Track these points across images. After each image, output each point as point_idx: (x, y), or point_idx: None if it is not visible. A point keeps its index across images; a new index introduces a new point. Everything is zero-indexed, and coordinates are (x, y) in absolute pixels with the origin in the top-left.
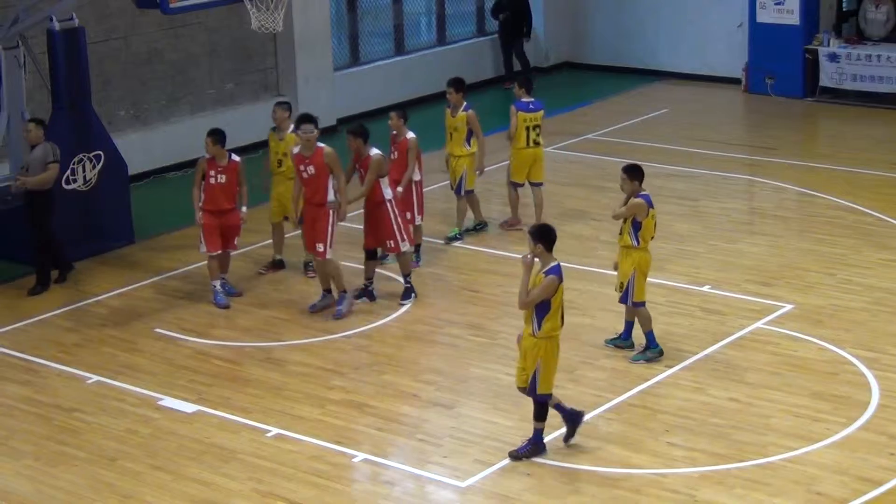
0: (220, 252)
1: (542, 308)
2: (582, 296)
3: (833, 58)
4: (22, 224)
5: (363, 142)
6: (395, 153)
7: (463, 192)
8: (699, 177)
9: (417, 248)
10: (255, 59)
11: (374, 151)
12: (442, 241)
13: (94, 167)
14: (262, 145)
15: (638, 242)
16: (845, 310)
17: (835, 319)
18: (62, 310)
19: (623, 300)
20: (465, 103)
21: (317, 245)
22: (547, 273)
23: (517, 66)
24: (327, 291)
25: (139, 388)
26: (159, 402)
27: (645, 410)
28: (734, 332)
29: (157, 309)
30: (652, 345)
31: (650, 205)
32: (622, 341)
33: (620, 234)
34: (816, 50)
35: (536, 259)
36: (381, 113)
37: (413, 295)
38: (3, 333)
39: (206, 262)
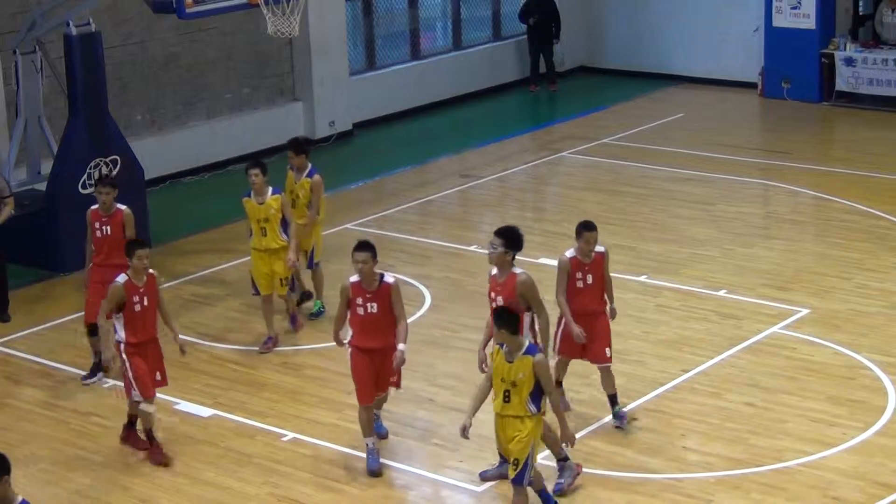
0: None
1: None
2: None
3: (849, 62)
4: (34, 229)
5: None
6: (109, 228)
7: (315, 265)
8: (715, 181)
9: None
10: (271, 64)
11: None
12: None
13: (110, 171)
14: (278, 150)
15: (539, 408)
16: (861, 314)
17: (851, 324)
18: (79, 314)
19: (518, 482)
20: (310, 166)
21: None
22: None
23: (542, 69)
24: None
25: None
26: (175, 406)
27: (661, 415)
28: (750, 336)
29: (173, 313)
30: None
31: None
32: None
33: (506, 400)
34: (832, 54)
35: None
36: (398, 118)
37: (99, 373)
38: (20, 338)
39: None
